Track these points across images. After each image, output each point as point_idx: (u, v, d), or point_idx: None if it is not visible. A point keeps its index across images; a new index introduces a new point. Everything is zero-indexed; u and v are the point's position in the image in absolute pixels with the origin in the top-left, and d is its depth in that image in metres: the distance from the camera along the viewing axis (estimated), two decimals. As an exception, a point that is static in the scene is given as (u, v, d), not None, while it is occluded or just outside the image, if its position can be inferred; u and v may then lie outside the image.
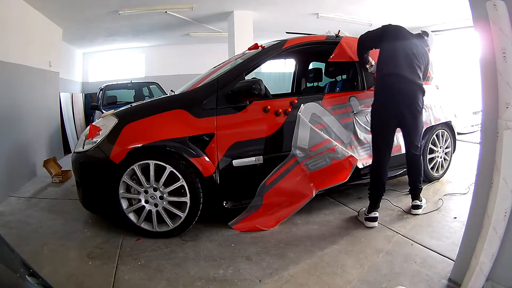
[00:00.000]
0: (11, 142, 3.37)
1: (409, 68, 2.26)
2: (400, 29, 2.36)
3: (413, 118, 2.27)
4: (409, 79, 2.24)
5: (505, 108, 1.26)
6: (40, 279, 0.75)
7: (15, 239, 2.14)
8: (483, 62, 1.38)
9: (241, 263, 1.85)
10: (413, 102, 2.25)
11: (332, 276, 1.70)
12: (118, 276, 1.74)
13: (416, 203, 2.44)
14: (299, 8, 5.19)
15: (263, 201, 2.30)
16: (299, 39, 2.68)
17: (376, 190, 2.31)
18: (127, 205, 2.15)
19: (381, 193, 2.31)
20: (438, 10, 5.42)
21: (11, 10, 3.48)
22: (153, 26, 6.03)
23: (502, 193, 1.29)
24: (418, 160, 2.41)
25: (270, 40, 2.90)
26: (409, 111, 2.25)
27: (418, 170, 2.43)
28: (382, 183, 2.31)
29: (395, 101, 2.25)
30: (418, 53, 2.31)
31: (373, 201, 2.30)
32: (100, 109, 5.26)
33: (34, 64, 4.03)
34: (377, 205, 2.29)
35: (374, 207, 2.28)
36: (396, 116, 2.25)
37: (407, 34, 2.36)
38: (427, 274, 1.66)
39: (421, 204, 2.46)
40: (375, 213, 2.26)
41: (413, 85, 2.25)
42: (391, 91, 2.26)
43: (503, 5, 1.21)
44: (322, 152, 2.37)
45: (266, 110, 2.31)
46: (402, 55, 2.28)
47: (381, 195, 2.31)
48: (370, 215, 2.26)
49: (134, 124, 2.16)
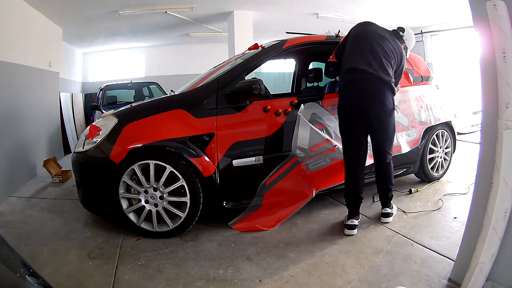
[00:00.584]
0: (11, 142, 3.37)
1: (376, 64, 2.04)
2: (368, 24, 2.21)
3: (380, 120, 2.07)
4: (374, 75, 2.03)
5: (505, 108, 1.26)
6: (40, 279, 0.75)
7: (15, 239, 2.14)
8: (483, 62, 1.38)
9: (241, 263, 1.85)
10: (380, 102, 2.04)
11: (332, 276, 1.70)
12: (118, 276, 1.74)
13: (386, 211, 2.30)
14: (299, 8, 5.19)
15: (263, 201, 2.30)
16: (299, 39, 2.68)
17: (350, 198, 2.20)
18: (127, 205, 2.15)
19: (356, 201, 2.19)
20: (438, 10, 5.42)
21: (11, 10, 3.48)
22: (153, 26, 6.03)
23: (502, 193, 1.29)
24: (387, 168, 2.21)
25: (270, 40, 2.90)
26: (375, 112, 2.06)
27: (387, 177, 2.24)
28: (356, 191, 2.17)
29: (359, 100, 2.06)
30: (389, 50, 2.10)
31: (350, 209, 2.19)
32: (100, 109, 5.26)
33: (34, 64, 4.03)
34: (355, 213, 2.18)
35: (352, 215, 2.17)
36: (362, 116, 2.07)
37: (378, 29, 2.18)
38: (427, 274, 1.66)
39: (392, 211, 2.32)
40: (352, 221, 2.15)
41: (379, 82, 2.04)
42: (354, 88, 2.09)
43: (503, 5, 1.21)
44: (322, 152, 2.37)
45: (266, 110, 2.31)
46: (368, 50, 2.08)
47: (356, 203, 2.19)
48: (348, 223, 2.16)
49: (134, 124, 2.16)
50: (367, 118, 2.08)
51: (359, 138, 2.14)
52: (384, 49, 2.10)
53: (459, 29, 6.34)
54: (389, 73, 2.08)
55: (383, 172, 2.24)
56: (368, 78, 2.05)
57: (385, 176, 2.25)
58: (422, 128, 2.85)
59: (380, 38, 2.14)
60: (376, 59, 2.07)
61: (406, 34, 2.34)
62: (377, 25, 2.25)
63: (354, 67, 2.11)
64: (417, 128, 2.82)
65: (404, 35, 2.33)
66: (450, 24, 6.44)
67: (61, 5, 4.19)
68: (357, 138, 2.14)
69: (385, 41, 2.13)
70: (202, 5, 4.88)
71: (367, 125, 2.10)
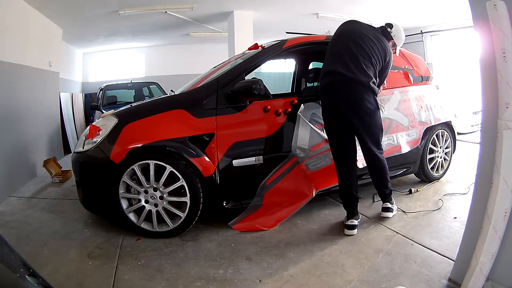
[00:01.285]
0: (11, 142, 3.37)
1: (353, 65, 2.01)
2: (350, 23, 2.18)
3: (363, 122, 2.06)
4: (350, 78, 2.01)
5: (505, 108, 1.26)
6: (40, 279, 0.75)
7: (15, 239, 2.15)
8: (483, 62, 1.38)
9: (241, 263, 1.85)
10: (358, 104, 2.03)
11: (332, 276, 1.69)
12: (118, 276, 1.74)
13: (386, 205, 2.31)
14: (299, 8, 5.19)
15: (263, 201, 2.30)
16: (299, 39, 2.68)
17: (346, 199, 2.20)
18: (127, 205, 2.15)
19: (352, 201, 2.19)
20: (438, 10, 5.42)
21: (11, 10, 3.48)
22: (153, 26, 6.04)
23: (502, 193, 1.29)
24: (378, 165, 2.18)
25: (270, 40, 2.90)
26: (355, 115, 2.05)
27: (380, 175, 2.23)
28: (350, 191, 2.17)
29: (337, 103, 2.07)
30: (369, 48, 2.06)
31: (348, 209, 2.19)
32: (100, 109, 5.26)
33: (34, 64, 4.03)
34: (353, 213, 2.17)
35: (350, 215, 2.17)
36: (341, 118, 2.08)
37: (361, 27, 2.14)
38: (427, 274, 1.66)
39: (392, 207, 2.32)
40: (352, 221, 2.14)
41: (356, 85, 2.02)
42: (330, 92, 2.09)
43: (503, 5, 1.21)
44: (322, 152, 2.37)
45: (266, 110, 2.31)
46: (346, 51, 2.05)
47: (353, 203, 2.19)
48: (347, 223, 2.15)
49: (134, 124, 2.16)
50: (347, 121, 2.08)
51: (343, 139, 2.15)
52: (363, 49, 2.06)
53: (459, 29, 6.35)
54: (367, 73, 2.04)
55: (375, 170, 2.23)
56: (344, 81, 2.04)
57: (378, 174, 2.24)
58: (422, 128, 2.85)
59: (360, 36, 2.10)
60: (353, 60, 2.04)
61: (394, 30, 2.29)
62: (361, 23, 2.22)
63: (330, 69, 2.11)
64: (417, 128, 2.82)
65: (392, 31, 2.28)
66: (450, 24, 6.44)
67: (61, 5, 4.19)
68: (341, 139, 2.15)
69: (366, 39, 2.09)
70: (202, 5, 4.88)
71: (348, 126, 2.10)
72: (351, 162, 2.19)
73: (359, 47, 2.07)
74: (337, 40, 2.19)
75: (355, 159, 2.21)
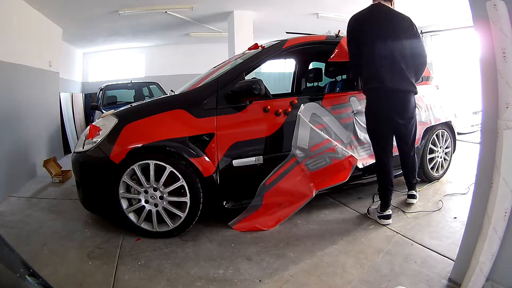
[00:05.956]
0: (11, 142, 3.37)
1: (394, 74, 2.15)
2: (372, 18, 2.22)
3: (406, 125, 2.27)
4: (395, 90, 2.17)
5: (505, 108, 1.26)
6: (40, 279, 0.75)
7: (15, 239, 2.15)
8: (483, 62, 1.38)
9: (241, 263, 1.85)
10: (404, 111, 2.23)
11: (332, 276, 1.69)
12: (118, 276, 1.74)
13: (412, 193, 2.58)
14: (299, 8, 5.19)
15: (263, 201, 2.30)
16: (299, 39, 2.68)
17: (386, 190, 2.31)
18: (127, 205, 2.15)
19: (391, 191, 2.32)
20: (438, 10, 5.42)
21: (11, 10, 3.48)
22: (153, 26, 6.04)
23: (502, 193, 1.29)
24: (413, 159, 2.46)
25: (270, 40, 2.90)
26: (402, 119, 2.24)
27: (413, 168, 2.50)
28: (390, 181, 2.32)
29: (386, 113, 2.23)
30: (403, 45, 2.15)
31: (384, 200, 2.30)
32: (100, 109, 5.27)
33: (34, 64, 4.03)
34: (388, 204, 2.31)
35: (386, 205, 2.29)
36: (389, 121, 2.25)
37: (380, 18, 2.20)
38: (427, 274, 1.66)
39: (417, 194, 2.60)
40: (388, 211, 2.29)
41: (401, 94, 2.19)
42: (378, 98, 2.23)
43: (503, 5, 1.21)
44: (322, 152, 2.37)
45: (266, 110, 2.31)
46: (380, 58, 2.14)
47: (391, 193, 2.32)
48: (384, 213, 2.28)
49: (134, 124, 2.16)
50: (394, 125, 2.26)
51: (390, 135, 2.31)
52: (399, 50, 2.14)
53: (459, 29, 6.35)
54: (408, 77, 2.17)
55: (409, 164, 2.46)
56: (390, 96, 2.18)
57: (411, 167, 2.48)
58: (422, 128, 2.85)
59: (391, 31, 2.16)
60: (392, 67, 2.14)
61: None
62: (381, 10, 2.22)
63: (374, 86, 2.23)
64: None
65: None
66: (450, 24, 6.44)
67: (61, 5, 4.19)
68: (388, 136, 2.30)
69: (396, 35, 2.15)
70: (202, 5, 4.88)
71: (393, 128, 2.28)
72: (392, 154, 2.34)
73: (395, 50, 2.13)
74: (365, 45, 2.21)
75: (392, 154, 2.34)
